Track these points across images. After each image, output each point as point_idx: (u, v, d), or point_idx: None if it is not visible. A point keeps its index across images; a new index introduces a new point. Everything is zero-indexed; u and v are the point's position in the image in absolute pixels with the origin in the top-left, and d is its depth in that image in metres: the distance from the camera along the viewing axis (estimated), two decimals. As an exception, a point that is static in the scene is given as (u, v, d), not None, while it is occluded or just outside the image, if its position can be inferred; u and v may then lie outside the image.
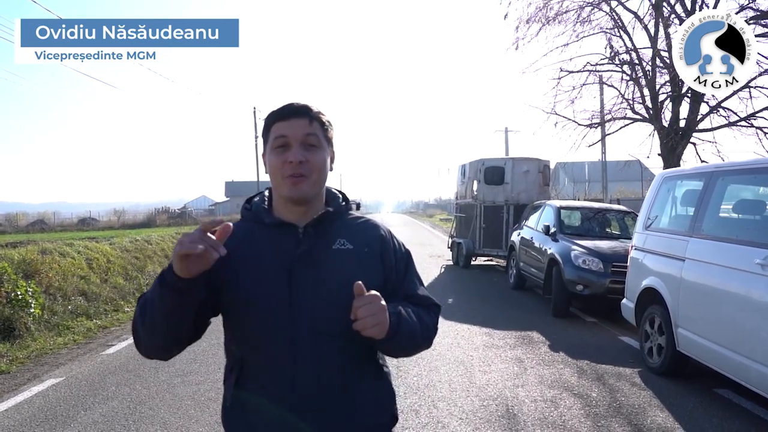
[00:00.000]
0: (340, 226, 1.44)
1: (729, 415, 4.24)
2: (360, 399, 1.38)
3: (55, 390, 4.85)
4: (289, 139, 1.35)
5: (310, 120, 1.37)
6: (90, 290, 8.70)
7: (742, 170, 4.98)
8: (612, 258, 7.54)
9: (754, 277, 3.96)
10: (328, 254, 1.38)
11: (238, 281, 1.34)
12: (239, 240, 1.35)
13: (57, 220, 46.21)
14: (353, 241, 1.42)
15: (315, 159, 1.36)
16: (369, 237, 1.46)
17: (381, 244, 1.47)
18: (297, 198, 1.36)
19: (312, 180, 1.36)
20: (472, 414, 4.21)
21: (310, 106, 1.40)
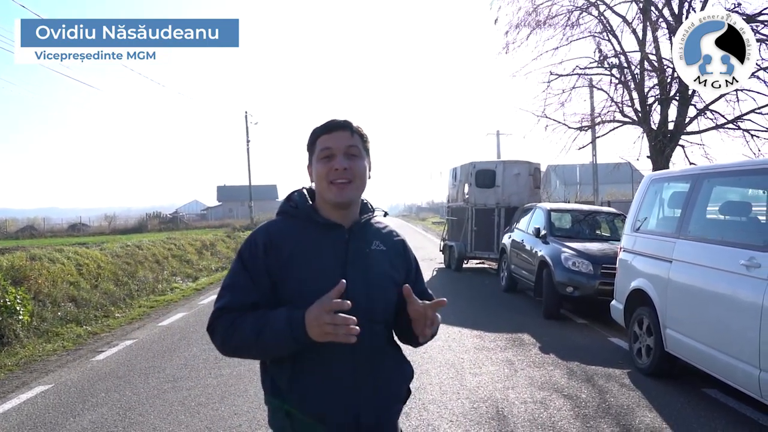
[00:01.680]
0: (373, 230, 1.66)
1: (716, 415, 4.28)
2: (396, 374, 1.62)
3: (44, 397, 4.81)
4: (333, 150, 1.54)
5: (351, 133, 1.56)
6: (80, 296, 8.64)
7: (727, 172, 5.04)
8: (601, 260, 7.60)
9: (740, 278, 4.00)
10: (370, 253, 1.59)
11: (299, 277, 1.50)
12: (294, 238, 1.55)
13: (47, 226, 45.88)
14: (385, 244, 1.65)
15: (357, 166, 1.55)
16: (395, 241, 1.70)
17: (404, 249, 1.72)
18: (342, 202, 1.54)
19: (355, 185, 1.55)
20: (462, 416, 4.23)
21: (350, 121, 1.59)
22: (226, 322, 1.47)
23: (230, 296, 1.51)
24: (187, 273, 13.45)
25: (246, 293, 1.51)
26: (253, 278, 1.51)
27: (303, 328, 1.36)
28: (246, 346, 1.47)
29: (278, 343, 1.42)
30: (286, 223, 1.60)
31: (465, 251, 13.49)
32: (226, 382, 5.10)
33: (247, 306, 1.49)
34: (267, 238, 1.55)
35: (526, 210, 10.70)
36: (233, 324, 1.46)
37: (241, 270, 1.53)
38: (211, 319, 1.52)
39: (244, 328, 1.44)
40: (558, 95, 13.70)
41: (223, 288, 1.55)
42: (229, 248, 18.76)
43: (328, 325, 1.32)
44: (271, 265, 1.51)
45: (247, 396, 4.69)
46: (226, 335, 1.47)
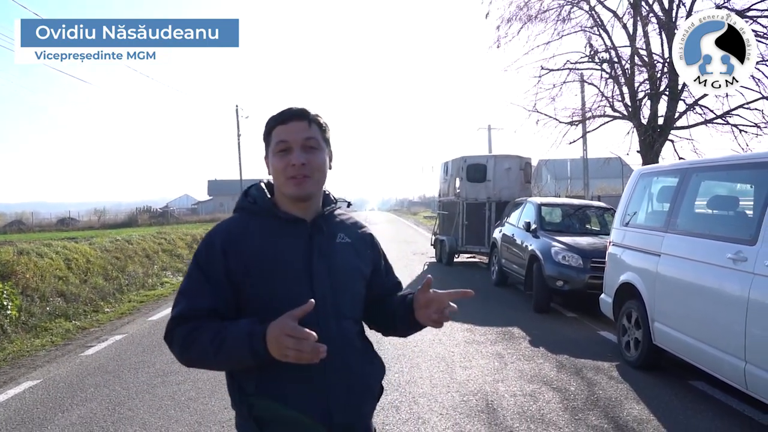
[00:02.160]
0: (336, 222, 1.60)
1: (703, 407, 4.33)
2: (368, 369, 1.56)
3: (32, 392, 4.78)
4: (290, 143, 1.46)
5: (309, 123, 1.48)
6: (69, 291, 8.58)
7: (715, 167, 5.08)
8: (591, 254, 7.64)
9: (727, 271, 4.05)
10: (334, 246, 1.53)
11: (262, 277, 1.43)
12: (254, 236, 1.47)
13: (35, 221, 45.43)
14: (349, 236, 1.59)
15: (315, 160, 1.48)
16: (360, 233, 1.64)
17: (370, 239, 1.67)
18: (302, 196, 1.48)
19: (314, 179, 1.48)
20: (452, 409, 4.25)
21: (307, 109, 1.50)
22: (184, 331, 1.39)
23: (186, 303, 1.43)
24: (178, 267, 13.39)
25: (203, 299, 1.42)
26: (211, 283, 1.43)
27: (264, 344, 1.29)
28: (205, 359, 1.39)
29: (239, 358, 1.34)
30: (245, 220, 1.51)
31: (456, 245, 13.52)
32: (216, 376, 5.09)
33: (204, 313, 1.41)
34: (225, 238, 1.46)
35: (516, 204, 10.74)
36: (191, 335, 1.38)
37: (198, 274, 1.45)
38: (168, 328, 1.43)
39: (202, 341, 1.36)
40: (549, 90, 13.74)
41: (180, 294, 1.46)
42: (220, 243, 18.68)
43: (290, 349, 1.25)
44: (231, 267, 1.43)
45: (237, 390, 4.68)
46: (183, 346, 1.40)
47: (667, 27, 12.05)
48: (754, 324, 3.70)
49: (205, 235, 1.52)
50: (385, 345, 5.99)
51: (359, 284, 1.57)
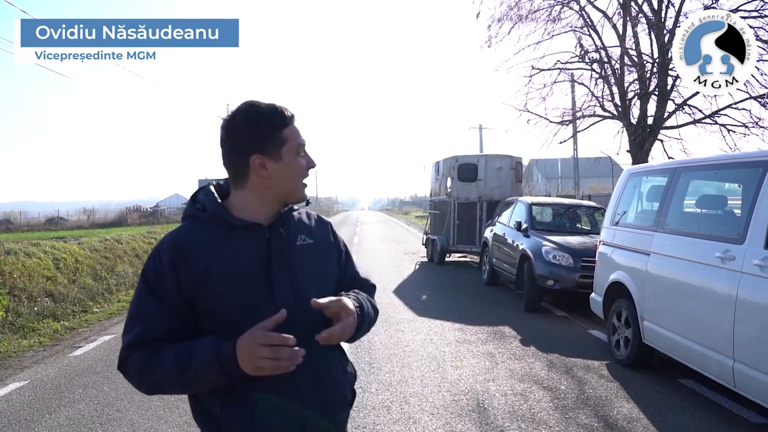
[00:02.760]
0: (296, 222, 1.49)
1: (691, 404, 4.36)
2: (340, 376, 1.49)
3: (19, 394, 4.73)
4: (304, 145, 1.42)
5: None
6: (57, 291, 8.50)
7: (704, 166, 5.11)
8: (582, 253, 7.68)
9: (715, 270, 4.07)
10: (295, 251, 1.42)
11: (218, 291, 1.32)
12: (206, 246, 1.34)
13: (23, 220, 44.97)
14: (311, 236, 1.49)
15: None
16: (322, 230, 1.55)
17: (333, 236, 1.58)
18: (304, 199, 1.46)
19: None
20: (443, 409, 4.25)
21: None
22: (142, 358, 1.29)
23: (140, 328, 1.31)
24: (168, 267, 13.31)
25: (157, 322, 1.31)
26: (163, 302, 1.31)
27: (234, 362, 1.22)
28: (169, 385, 1.31)
29: (207, 380, 1.27)
30: (195, 229, 1.38)
31: (447, 245, 13.54)
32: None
33: (160, 337, 1.30)
34: (174, 252, 1.33)
35: (507, 204, 10.76)
36: (150, 361, 1.28)
37: (148, 294, 1.33)
38: (122, 356, 1.32)
39: (164, 365, 1.27)
40: (540, 90, 13.78)
41: (131, 318, 1.33)
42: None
43: (266, 359, 1.19)
44: (183, 282, 1.31)
45: (227, 390, 4.66)
46: (142, 375, 1.29)
47: (657, 27, 12.13)
48: (742, 322, 3.73)
49: (153, 250, 1.39)
50: (376, 345, 5.99)
51: (326, 290, 1.43)
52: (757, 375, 3.58)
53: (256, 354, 1.20)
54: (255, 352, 1.20)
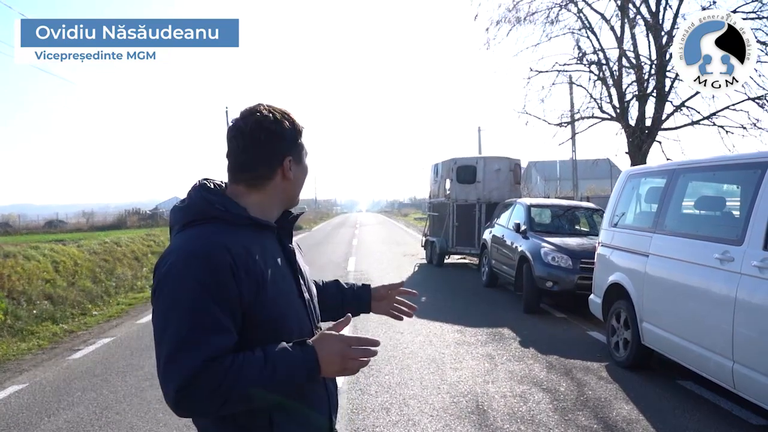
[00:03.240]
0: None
1: (691, 406, 4.36)
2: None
3: (18, 397, 4.72)
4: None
5: None
6: (56, 294, 8.49)
7: (702, 168, 5.12)
8: (580, 255, 7.68)
9: (713, 271, 4.08)
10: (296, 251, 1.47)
11: (271, 294, 1.28)
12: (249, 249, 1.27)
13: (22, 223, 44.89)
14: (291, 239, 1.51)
15: None
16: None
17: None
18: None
19: None
20: (442, 411, 4.25)
21: None
22: (217, 376, 1.15)
23: (210, 342, 1.17)
24: (167, 270, 13.30)
25: (228, 333, 1.20)
26: (230, 312, 1.21)
27: (317, 365, 1.24)
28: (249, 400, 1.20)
29: (290, 388, 1.24)
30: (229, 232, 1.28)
31: (446, 247, 13.54)
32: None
33: (230, 350, 1.19)
34: (231, 259, 1.22)
35: (506, 205, 10.77)
36: (227, 378, 1.15)
37: (211, 304, 1.18)
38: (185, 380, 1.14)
39: (248, 380, 1.17)
40: (538, 92, 13.85)
41: (194, 331, 1.16)
42: (210, 245, 18.54)
43: (354, 360, 1.26)
44: (244, 291, 1.23)
45: (226, 393, 4.65)
46: (218, 393, 1.15)
47: (654, 29, 12.17)
48: (742, 324, 3.73)
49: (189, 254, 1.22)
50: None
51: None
52: (756, 376, 3.58)
53: (348, 355, 1.25)
54: (348, 353, 1.25)
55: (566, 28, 13.40)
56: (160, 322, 1.21)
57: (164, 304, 1.21)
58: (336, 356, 1.24)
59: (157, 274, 1.25)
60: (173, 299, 1.19)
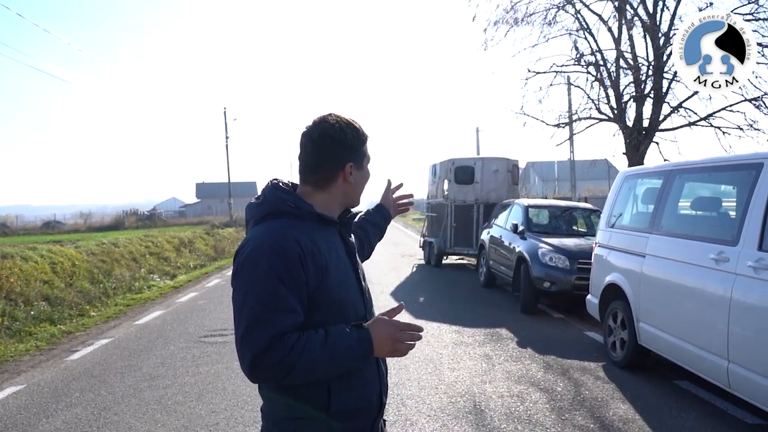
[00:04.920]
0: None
1: (687, 405, 4.38)
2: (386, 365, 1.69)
3: (16, 398, 4.73)
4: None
5: None
6: (54, 295, 8.50)
7: (698, 168, 5.14)
8: (578, 255, 7.70)
9: (709, 271, 4.10)
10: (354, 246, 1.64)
11: (334, 282, 1.47)
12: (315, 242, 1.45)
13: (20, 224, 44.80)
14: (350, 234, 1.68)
15: None
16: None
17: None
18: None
19: None
20: (440, 411, 4.26)
21: None
22: (283, 350, 1.33)
23: (281, 320, 1.35)
24: (165, 271, 13.30)
25: (296, 314, 1.38)
26: (298, 296, 1.38)
27: (371, 346, 1.40)
28: (311, 374, 1.37)
29: (346, 364, 1.41)
30: (298, 226, 1.45)
31: (444, 247, 13.56)
32: (203, 380, 5.06)
33: (297, 329, 1.37)
34: (300, 250, 1.39)
35: (504, 206, 10.79)
36: (292, 352, 1.33)
37: (282, 288, 1.36)
38: (259, 349, 1.32)
39: (311, 354, 1.34)
40: (536, 93, 13.88)
41: (268, 310, 1.35)
42: (208, 245, 18.57)
43: (403, 343, 1.42)
44: (309, 278, 1.40)
45: (225, 394, 4.67)
46: (284, 364, 1.33)
47: (652, 30, 12.21)
48: (737, 324, 3.75)
49: (261, 243, 1.41)
50: (373, 347, 5.99)
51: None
52: (751, 376, 3.60)
53: (398, 339, 1.42)
54: (398, 337, 1.42)
55: (564, 30, 13.45)
56: (239, 302, 1.39)
57: (243, 287, 1.39)
58: (388, 339, 1.40)
59: (237, 261, 1.44)
60: (250, 283, 1.38)
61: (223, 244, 19.21)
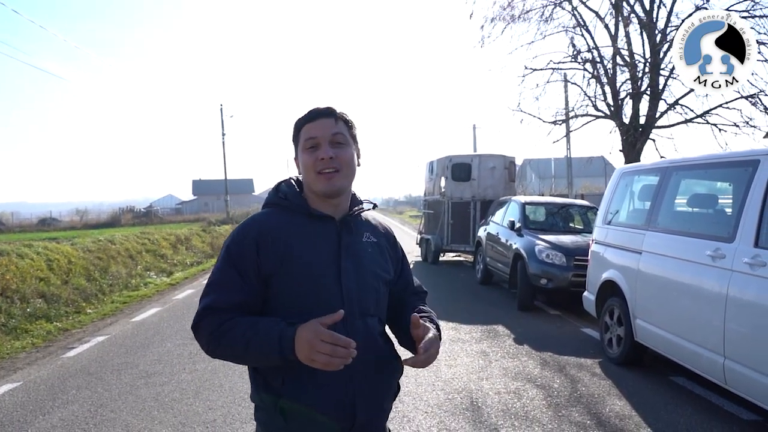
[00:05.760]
0: (363, 221, 1.63)
1: (683, 401, 4.40)
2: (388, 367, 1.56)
3: (12, 395, 4.71)
4: (318, 139, 1.49)
5: (335, 120, 1.51)
6: (50, 292, 8.47)
7: (695, 165, 5.15)
8: (574, 252, 7.72)
9: (706, 268, 4.11)
10: (361, 245, 1.55)
11: (293, 272, 1.44)
12: (286, 231, 1.48)
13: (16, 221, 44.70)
14: (375, 236, 1.62)
15: (343, 154, 1.50)
16: (384, 233, 1.68)
17: (393, 242, 1.70)
18: (331, 192, 1.49)
19: (343, 174, 1.50)
20: (437, 407, 4.27)
21: (333, 107, 1.53)
22: (213, 324, 1.40)
23: (217, 295, 1.44)
24: (162, 268, 13.27)
25: (234, 292, 1.43)
26: (242, 277, 1.44)
27: (292, 347, 1.31)
28: (233, 354, 1.42)
29: (265, 357, 1.37)
30: (277, 215, 1.52)
31: (441, 244, 13.58)
32: (200, 377, 5.06)
33: (234, 305, 1.42)
34: (258, 233, 1.46)
35: (501, 203, 10.81)
36: (221, 327, 1.39)
37: (229, 266, 1.45)
38: (197, 318, 1.44)
39: (233, 335, 1.38)
40: (533, 90, 13.87)
41: (209, 285, 1.47)
42: (205, 242, 18.55)
43: (322, 354, 1.27)
44: (263, 261, 1.43)
45: (222, 391, 4.66)
46: (212, 338, 1.41)
47: (648, 27, 12.22)
48: (733, 320, 3.77)
49: (236, 227, 1.52)
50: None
51: (383, 283, 1.58)
52: (747, 372, 3.62)
53: (315, 347, 1.27)
54: (315, 345, 1.27)
55: (561, 26, 13.45)
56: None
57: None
58: (305, 344, 1.29)
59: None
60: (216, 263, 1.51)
61: (219, 241, 19.18)
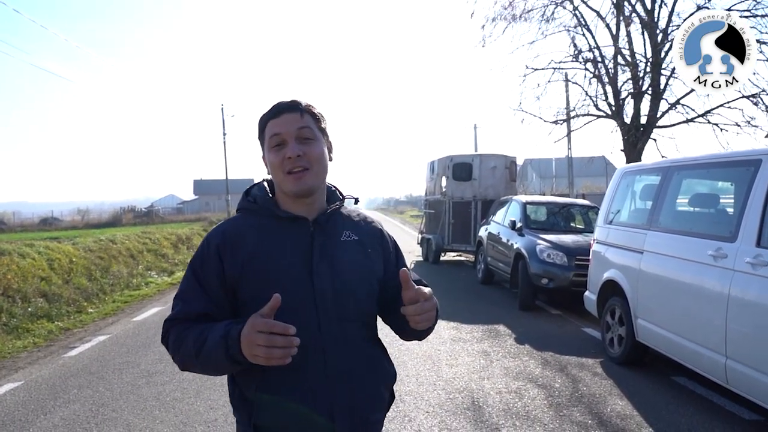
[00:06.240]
0: (343, 218, 1.52)
1: (684, 401, 4.40)
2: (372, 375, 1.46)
3: (13, 395, 4.72)
4: (283, 135, 1.39)
5: (301, 114, 1.41)
6: (51, 291, 8.48)
7: (696, 165, 5.14)
8: (576, 252, 7.71)
9: (707, 268, 4.10)
10: (339, 245, 1.45)
11: (260, 278, 1.36)
12: (253, 236, 1.41)
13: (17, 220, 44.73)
14: (357, 233, 1.50)
15: (312, 151, 1.40)
16: (370, 229, 1.55)
17: (380, 236, 1.57)
18: (302, 192, 1.40)
19: (313, 171, 1.40)
20: (438, 407, 4.27)
21: (298, 100, 1.43)
22: (174, 334, 1.36)
23: (180, 306, 1.39)
24: (163, 267, 13.28)
25: (194, 303, 1.38)
26: (203, 287, 1.38)
27: (239, 346, 1.20)
28: (190, 362, 1.34)
29: (216, 362, 1.27)
30: (245, 220, 1.46)
31: (442, 244, 13.58)
32: (201, 376, 5.05)
33: (197, 316, 1.37)
34: (221, 240, 1.40)
35: (502, 203, 10.80)
36: (179, 337, 1.35)
37: (191, 277, 1.41)
38: (162, 331, 1.42)
39: (187, 343, 1.32)
40: (534, 89, 13.88)
41: (175, 297, 1.43)
42: (206, 242, 18.53)
43: (260, 347, 1.15)
44: (227, 268, 1.37)
45: (223, 390, 4.66)
46: (174, 349, 1.36)
47: (650, 27, 12.21)
48: (734, 320, 3.76)
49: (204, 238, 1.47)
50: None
51: (368, 284, 1.46)
52: (749, 372, 3.61)
53: (252, 341, 1.17)
54: (252, 338, 1.17)
55: (562, 26, 13.45)
56: None
57: None
58: (244, 339, 1.19)
59: None
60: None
61: (220, 241, 19.15)
